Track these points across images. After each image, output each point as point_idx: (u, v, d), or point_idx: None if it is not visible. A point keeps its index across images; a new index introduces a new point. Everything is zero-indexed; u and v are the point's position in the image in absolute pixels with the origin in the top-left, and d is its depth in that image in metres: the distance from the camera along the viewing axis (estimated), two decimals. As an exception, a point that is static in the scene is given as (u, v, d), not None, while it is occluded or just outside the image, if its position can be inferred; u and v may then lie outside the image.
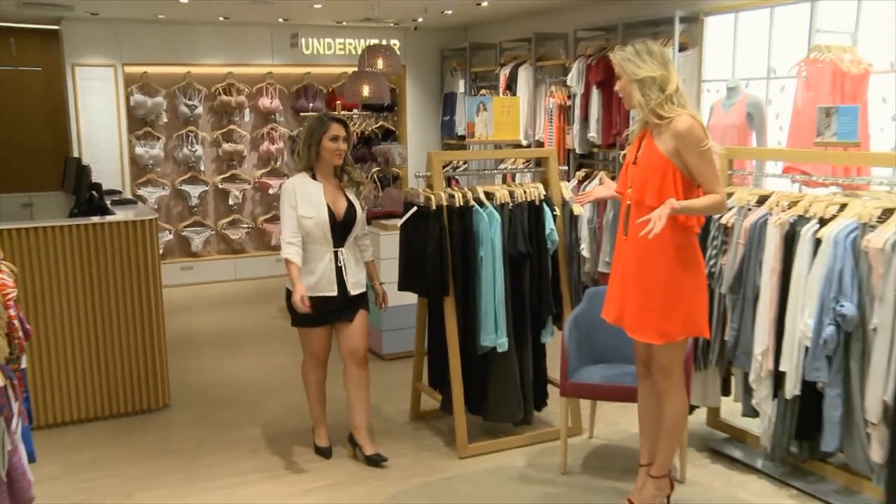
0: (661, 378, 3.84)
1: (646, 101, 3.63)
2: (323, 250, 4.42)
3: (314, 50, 10.06)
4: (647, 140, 3.70)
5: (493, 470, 4.52)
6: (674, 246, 3.65)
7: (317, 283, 4.41)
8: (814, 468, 4.39)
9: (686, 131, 3.55)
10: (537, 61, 8.69)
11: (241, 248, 10.17)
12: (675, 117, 3.58)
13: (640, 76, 3.63)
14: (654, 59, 3.64)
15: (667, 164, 3.60)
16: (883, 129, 5.79)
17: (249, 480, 4.48)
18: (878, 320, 3.86)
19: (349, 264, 4.51)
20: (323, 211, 4.37)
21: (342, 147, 4.42)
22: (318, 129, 4.40)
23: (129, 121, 9.39)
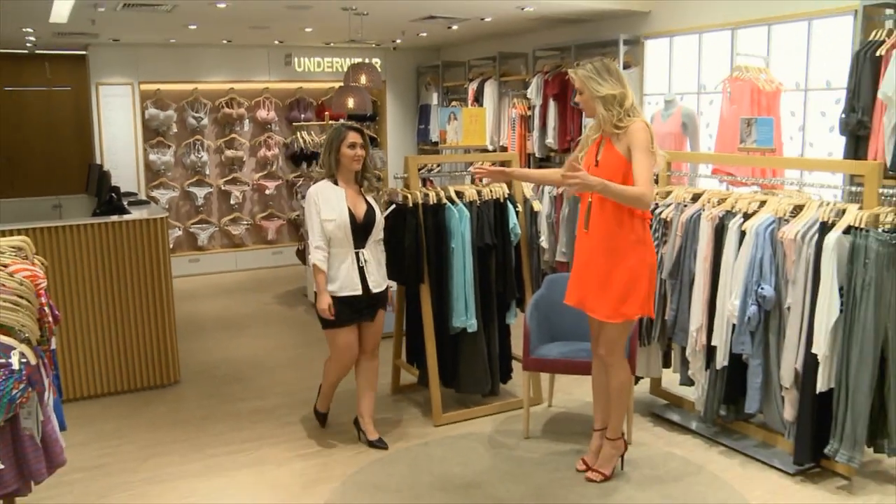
0: (606, 353, 3.88)
1: (609, 115, 3.65)
2: (345, 252, 4.18)
3: (305, 68, 10.05)
4: (607, 145, 3.72)
5: (464, 436, 4.56)
6: (633, 236, 3.69)
7: (342, 284, 4.18)
8: (739, 427, 4.48)
9: (639, 131, 3.60)
10: (501, 77, 8.72)
11: (242, 242, 10.14)
12: (630, 124, 3.62)
13: (603, 94, 3.65)
14: (612, 78, 3.67)
15: (626, 164, 3.64)
16: (792, 138, 5.91)
17: (250, 447, 4.49)
18: (791, 300, 3.96)
19: (370, 264, 4.26)
20: (344, 213, 4.14)
21: (360, 153, 4.20)
22: (336, 138, 4.19)
23: (144, 131, 9.34)
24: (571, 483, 3.97)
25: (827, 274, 3.72)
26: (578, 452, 4.28)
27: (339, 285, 4.17)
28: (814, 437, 3.91)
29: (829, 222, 3.83)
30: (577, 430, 4.65)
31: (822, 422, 3.89)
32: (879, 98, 4.88)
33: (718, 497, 3.81)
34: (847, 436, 3.76)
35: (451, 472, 4.09)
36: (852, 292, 3.70)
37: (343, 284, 4.18)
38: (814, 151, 5.81)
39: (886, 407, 3.84)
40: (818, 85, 5.75)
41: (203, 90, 9.68)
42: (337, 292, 4.17)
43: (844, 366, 3.75)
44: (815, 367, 3.81)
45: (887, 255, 3.64)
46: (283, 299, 8.26)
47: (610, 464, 3.99)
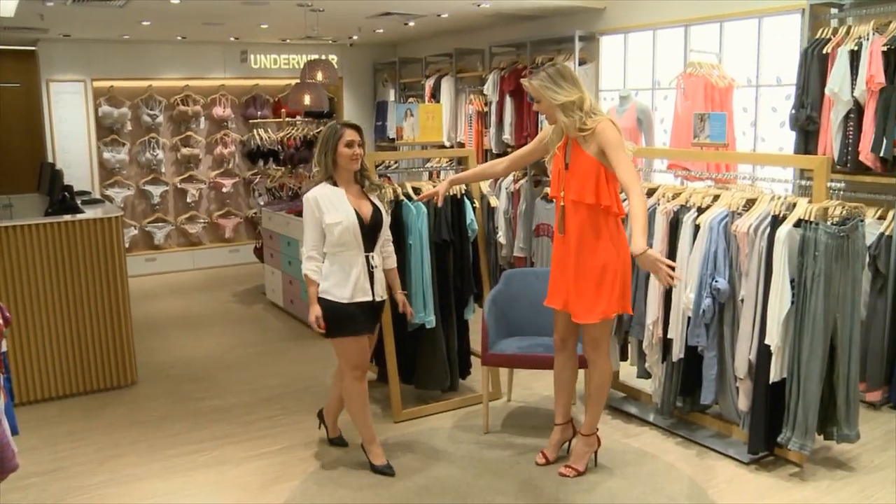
0: (591, 350, 3.87)
1: (570, 122, 3.63)
2: (356, 256, 3.85)
3: (262, 64, 9.94)
4: (574, 148, 3.70)
5: (424, 431, 4.56)
6: (607, 235, 3.69)
7: (353, 291, 3.84)
8: (695, 419, 4.54)
9: (608, 130, 3.57)
10: (458, 73, 8.72)
11: (199, 240, 10.02)
12: (596, 125, 3.60)
13: (560, 101, 3.62)
14: (568, 83, 3.63)
15: (597, 165, 3.62)
16: (745, 133, 6.00)
17: (210, 446, 4.45)
18: (744, 293, 4.03)
19: (378, 269, 3.96)
20: (351, 215, 3.81)
21: (358, 152, 3.87)
22: (332, 137, 3.86)
23: (97, 129, 9.16)
24: (530, 476, 3.99)
25: (779, 266, 3.79)
26: (538, 446, 4.30)
27: (351, 291, 3.83)
28: (767, 427, 3.99)
29: (780, 216, 3.90)
30: (536, 424, 4.68)
31: (775, 411, 3.97)
32: (827, 94, 4.98)
33: (675, 487, 3.86)
34: (799, 424, 3.84)
35: (411, 468, 4.09)
36: (803, 284, 3.77)
37: (355, 289, 3.85)
38: (765, 146, 5.91)
39: (836, 395, 3.93)
40: (769, 81, 5.85)
41: (158, 87, 9.52)
42: (350, 298, 3.84)
43: (796, 356, 3.82)
44: (767, 357, 3.88)
45: (836, 247, 3.72)
46: (241, 298, 8.19)
47: (583, 459, 4.00)
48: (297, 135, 8.78)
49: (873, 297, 4.82)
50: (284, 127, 9.00)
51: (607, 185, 3.64)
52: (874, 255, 4.74)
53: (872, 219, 4.85)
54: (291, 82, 9.11)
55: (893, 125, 4.71)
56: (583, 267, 3.73)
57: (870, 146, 4.79)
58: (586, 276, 3.73)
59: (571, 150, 3.72)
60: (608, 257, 3.69)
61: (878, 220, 4.87)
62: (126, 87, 9.37)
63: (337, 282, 3.84)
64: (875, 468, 4.06)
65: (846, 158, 4.97)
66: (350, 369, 3.95)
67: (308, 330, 6.76)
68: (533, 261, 7.29)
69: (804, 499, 3.76)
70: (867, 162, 4.85)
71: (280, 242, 7.30)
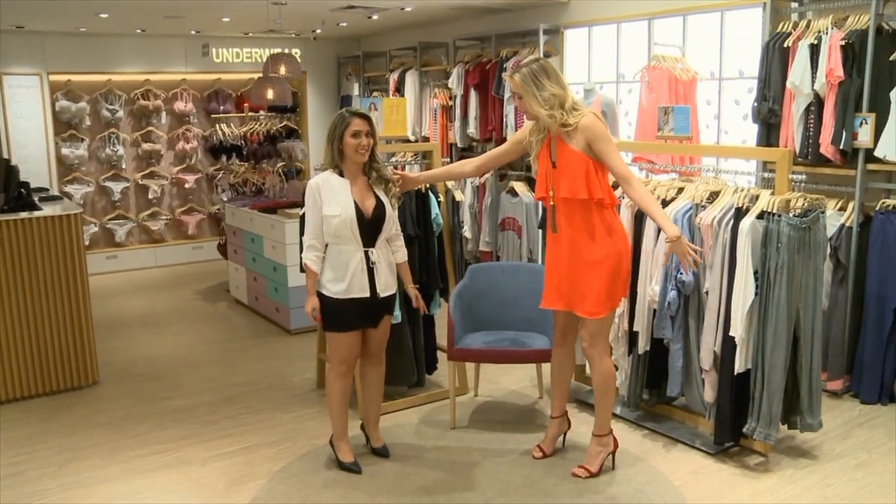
0: (588, 345, 3.80)
1: (552, 120, 3.59)
2: (353, 250, 3.76)
3: (224, 58, 9.81)
4: (559, 145, 3.65)
5: (391, 427, 4.53)
6: (603, 227, 3.66)
7: (349, 286, 3.76)
8: (661, 411, 4.57)
9: (591, 125, 3.56)
10: (422, 67, 8.68)
11: (161, 237, 9.89)
12: (580, 120, 3.58)
13: (543, 97, 3.57)
14: (550, 80, 3.58)
15: (585, 159, 3.59)
16: (708, 126, 6.05)
17: (172, 447, 4.39)
18: (709, 285, 4.06)
19: (380, 266, 3.83)
20: (350, 209, 3.71)
21: (364, 143, 3.72)
22: (339, 126, 3.72)
23: (55, 124, 8.96)
24: (498, 471, 3.98)
25: (742, 258, 3.81)
26: (505, 441, 4.31)
27: (346, 286, 3.76)
28: (733, 418, 4.02)
29: (743, 208, 3.93)
30: (503, 418, 4.68)
31: (740, 402, 4.00)
32: (788, 87, 5.02)
33: (642, 479, 3.88)
34: (763, 414, 3.88)
35: (377, 465, 4.06)
36: (766, 276, 3.80)
37: (351, 285, 3.77)
38: (729, 139, 5.96)
39: (799, 385, 3.98)
40: (732, 74, 5.89)
41: (117, 81, 9.36)
42: (344, 293, 3.77)
43: (760, 347, 3.85)
44: (732, 349, 3.91)
45: (798, 238, 3.75)
46: (205, 295, 8.09)
47: (596, 460, 3.93)
48: (261, 130, 8.71)
49: (834, 288, 4.88)
50: (247, 122, 8.91)
51: (597, 177, 3.62)
52: (835, 247, 4.81)
53: (833, 210, 4.91)
54: (254, 76, 9.02)
55: (852, 118, 4.77)
56: (581, 263, 3.69)
57: (830, 139, 4.85)
58: (587, 272, 3.68)
59: (556, 147, 3.68)
60: (608, 248, 3.66)
61: (838, 211, 4.93)
62: (84, 81, 9.19)
63: (333, 277, 3.78)
64: (836, 456, 4.12)
65: (807, 151, 5.02)
66: (336, 363, 3.92)
67: (273, 327, 6.72)
68: (499, 255, 7.29)
69: (768, 488, 3.80)
70: (828, 154, 4.91)
71: (244, 239, 7.22)
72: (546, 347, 4.37)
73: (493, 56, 7.50)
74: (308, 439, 4.44)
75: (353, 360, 3.95)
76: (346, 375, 3.95)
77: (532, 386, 5.15)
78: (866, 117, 4.75)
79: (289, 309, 6.48)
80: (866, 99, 4.78)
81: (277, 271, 6.58)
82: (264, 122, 8.85)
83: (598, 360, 3.82)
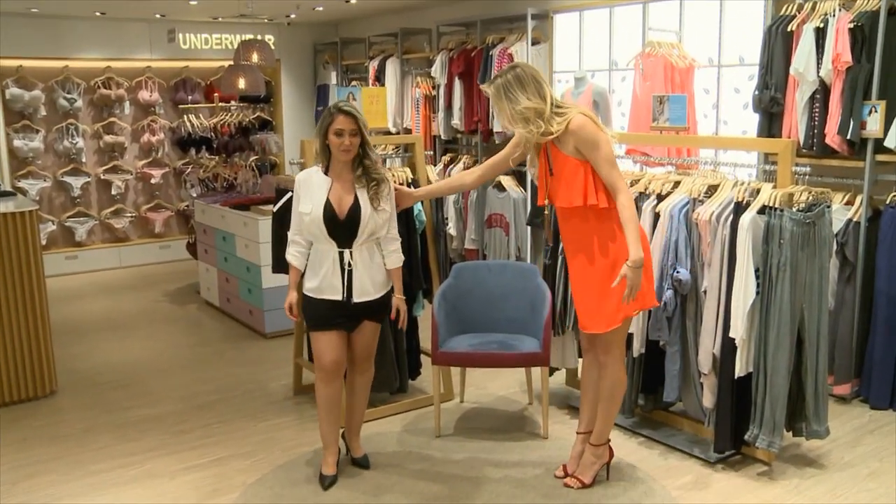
0: (602, 352, 3.77)
1: (529, 133, 3.55)
2: (326, 250, 3.80)
3: (191, 45, 9.78)
4: (553, 151, 3.61)
5: (372, 437, 4.53)
6: (608, 233, 3.61)
7: (319, 285, 3.82)
8: (658, 417, 4.59)
9: (579, 128, 3.49)
10: (404, 54, 8.68)
11: (126, 236, 9.84)
12: (566, 124, 3.51)
13: (518, 109, 3.52)
14: (526, 91, 3.52)
15: (578, 164, 3.54)
16: (706, 116, 6.08)
17: (139, 460, 4.36)
18: (707, 283, 4.08)
19: (359, 268, 3.81)
20: (319, 207, 3.73)
21: (347, 143, 3.69)
22: (324, 121, 3.73)
23: (5, 114, 8.88)
24: (485, 481, 3.99)
25: (742, 255, 3.83)
26: (493, 450, 4.31)
27: (317, 285, 3.83)
28: (733, 424, 4.04)
29: (743, 202, 3.95)
30: (490, 426, 4.68)
31: (741, 408, 4.02)
32: (792, 74, 5.05)
33: (638, 490, 3.89)
34: (766, 421, 3.90)
35: (358, 476, 4.06)
36: (768, 273, 3.83)
37: (322, 285, 3.82)
38: (728, 129, 5.99)
39: (804, 389, 4.00)
40: (731, 61, 5.92)
41: (75, 68, 9.28)
42: (315, 293, 3.84)
43: (762, 349, 3.88)
44: (732, 351, 3.93)
45: (801, 234, 3.78)
46: (173, 297, 8.06)
47: (590, 471, 3.91)
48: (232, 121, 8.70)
49: (841, 287, 4.92)
50: (218, 113, 8.89)
51: (594, 182, 3.55)
52: (842, 243, 4.84)
53: (839, 204, 4.94)
54: (224, 64, 9.01)
55: (861, 106, 4.80)
56: (586, 275, 3.66)
57: (836, 128, 4.88)
58: (589, 283, 3.66)
59: (552, 153, 3.63)
60: (619, 254, 3.57)
61: (845, 205, 4.96)
62: (38, 68, 9.08)
63: (310, 274, 3.89)
64: (846, 465, 4.14)
65: (812, 141, 5.05)
66: (317, 367, 3.95)
67: (246, 330, 6.71)
68: (485, 253, 7.31)
69: (773, 498, 3.82)
70: (834, 145, 4.94)
71: (215, 237, 7.20)
72: (536, 350, 4.38)
73: (478, 43, 7.51)
74: (284, 450, 4.43)
75: (332, 364, 3.89)
76: (328, 381, 3.92)
77: (521, 391, 5.17)
78: (876, 105, 4.78)
79: (263, 311, 6.47)
80: (876, 85, 4.80)
81: (251, 272, 6.57)
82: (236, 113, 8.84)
83: (611, 367, 3.78)
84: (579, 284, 3.73)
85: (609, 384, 3.81)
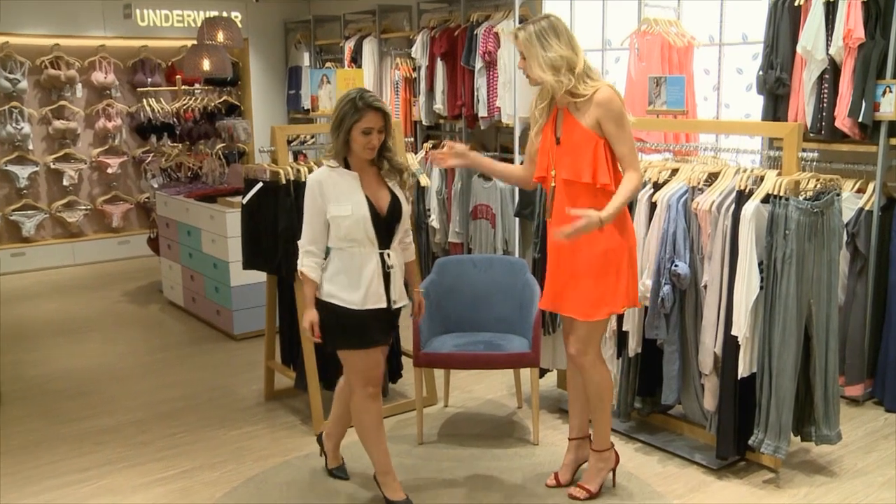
0: (578, 353, 3.77)
1: (559, 85, 3.54)
2: (368, 254, 3.64)
3: (150, 22, 9.72)
4: (567, 119, 3.62)
5: (349, 444, 4.51)
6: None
7: (365, 296, 3.63)
8: (656, 421, 4.63)
9: (606, 101, 3.51)
10: (382, 34, 8.68)
11: (80, 231, 9.81)
12: (594, 92, 3.52)
13: (549, 57, 3.52)
14: (559, 40, 3.53)
15: (594, 137, 3.55)
16: (707, 98, 6.12)
17: (95, 474, 4.34)
18: (707, 277, 4.11)
19: (396, 270, 3.73)
20: (363, 206, 3.60)
21: (375, 142, 3.59)
22: (349, 117, 3.55)
23: (-64, 95, 8.83)
24: (471, 490, 4.01)
25: (745, 247, 3.87)
26: (478, 457, 4.34)
27: (362, 295, 3.63)
28: (737, 428, 4.08)
29: (746, 191, 3.98)
30: (477, 431, 4.71)
31: (745, 411, 4.06)
32: (798, 53, 5.09)
33: (636, 499, 3.93)
34: (772, 424, 3.94)
35: (335, 488, 4.08)
36: (773, 267, 3.86)
37: (368, 294, 3.64)
38: (730, 113, 6.04)
39: (812, 391, 4.04)
40: (734, 39, 5.96)
41: (17, 45, 9.16)
42: (362, 304, 3.64)
43: (766, 348, 3.91)
44: (735, 350, 3.96)
45: (808, 224, 3.81)
46: (133, 297, 8.05)
47: (597, 479, 3.94)
48: (196, 106, 8.66)
49: (852, 280, 4.96)
50: (180, 96, 8.85)
51: (606, 160, 3.56)
52: (852, 233, 4.88)
53: (850, 192, 4.99)
54: (187, 44, 8.98)
55: (874, 86, 4.83)
56: (577, 256, 3.66)
57: (847, 110, 4.92)
58: (583, 267, 3.66)
59: (563, 121, 3.64)
60: (610, 243, 3.60)
61: (856, 193, 5.01)
62: (-28, 44, 8.99)
63: (346, 284, 3.65)
64: (859, 472, 4.18)
65: (820, 125, 5.10)
66: (361, 386, 3.76)
67: (214, 332, 6.71)
68: (471, 247, 7.34)
69: (779, 508, 3.87)
70: (844, 128, 4.98)
71: (179, 232, 7.19)
72: (525, 350, 4.41)
73: (461, 21, 7.52)
74: (256, 460, 4.43)
75: (378, 379, 3.80)
76: (375, 398, 3.79)
77: (510, 394, 5.20)
78: (890, 85, 4.81)
79: (232, 311, 6.47)
80: (891, 64, 4.83)
81: (218, 268, 6.57)
82: (200, 96, 8.80)
83: (591, 368, 3.78)
84: (572, 267, 3.69)
85: (593, 386, 3.81)
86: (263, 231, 4.67)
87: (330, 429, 4.21)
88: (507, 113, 6.97)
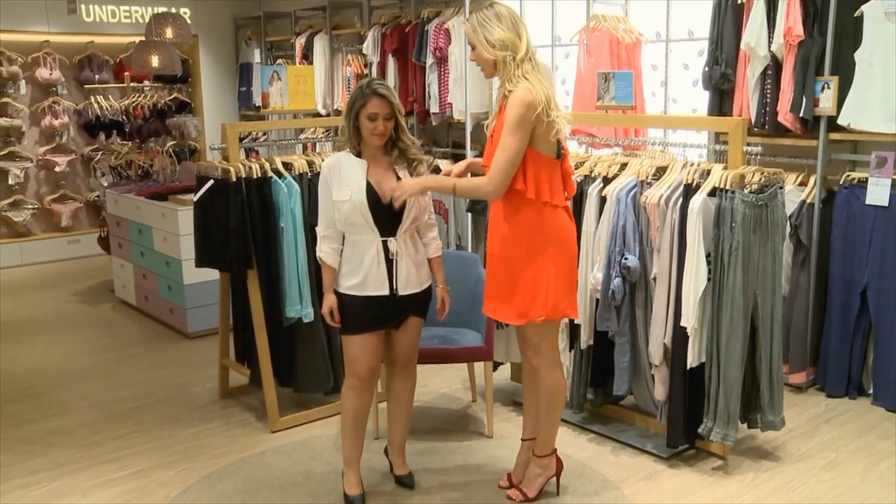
0: (532, 355, 3.74)
1: (502, 63, 3.47)
2: (368, 240, 3.68)
3: (96, 17, 9.58)
4: (500, 112, 3.56)
5: (305, 441, 4.56)
6: (525, 223, 3.54)
7: (363, 281, 3.68)
8: (608, 412, 4.69)
9: (512, 102, 3.40)
10: (333, 30, 8.67)
11: (27, 230, 9.66)
12: (514, 90, 3.42)
13: (493, 39, 3.45)
14: (501, 23, 3.46)
15: None
16: (654, 94, 6.20)
17: (46, 476, 4.28)
18: (656, 270, 4.17)
19: (402, 259, 3.73)
20: (361, 192, 3.62)
21: (381, 128, 3.62)
22: (356, 103, 3.63)
23: None
24: (427, 486, 4.04)
25: (693, 240, 3.93)
26: (434, 452, 4.37)
27: (360, 281, 3.69)
28: (687, 417, 4.15)
29: (693, 184, 4.05)
30: (432, 426, 4.74)
31: (694, 400, 4.13)
32: (742, 49, 5.18)
33: (588, 489, 3.98)
34: (720, 413, 4.02)
35: (292, 484, 4.08)
36: (720, 258, 3.93)
37: (366, 280, 3.69)
38: (677, 108, 6.12)
39: (758, 379, 4.13)
40: (680, 35, 6.04)
41: (-47, 40, 9.02)
42: (359, 291, 3.70)
43: (714, 338, 3.99)
44: (684, 341, 4.03)
45: (753, 217, 3.89)
46: (84, 296, 7.96)
47: (535, 484, 3.88)
48: (146, 103, 8.59)
49: (795, 271, 5.08)
50: (129, 93, 8.77)
51: (522, 163, 3.47)
52: (795, 225, 4.99)
53: (793, 185, 5.10)
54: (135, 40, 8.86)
55: (813, 82, 4.95)
56: (496, 256, 3.66)
57: (789, 106, 5.03)
58: (499, 268, 3.65)
59: (498, 114, 3.60)
60: (527, 250, 3.55)
61: (798, 186, 5.12)
62: None
63: (347, 270, 3.73)
64: (802, 456, 4.30)
65: (764, 119, 5.20)
66: (348, 374, 3.82)
67: (167, 330, 6.66)
68: (425, 243, 7.33)
69: (728, 494, 3.94)
70: (786, 123, 5.09)
71: (130, 230, 7.12)
72: (479, 345, 4.45)
73: (412, 17, 7.54)
74: (211, 458, 4.42)
75: (367, 371, 3.80)
76: (360, 392, 3.81)
77: (464, 388, 5.23)
78: (829, 81, 4.93)
79: (185, 309, 6.43)
80: (829, 60, 4.95)
81: (171, 266, 6.52)
82: (150, 94, 8.74)
83: (546, 371, 3.72)
84: (490, 263, 3.70)
85: (546, 390, 3.75)
86: (215, 228, 4.65)
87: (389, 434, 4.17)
88: (459, 109, 6.99)
